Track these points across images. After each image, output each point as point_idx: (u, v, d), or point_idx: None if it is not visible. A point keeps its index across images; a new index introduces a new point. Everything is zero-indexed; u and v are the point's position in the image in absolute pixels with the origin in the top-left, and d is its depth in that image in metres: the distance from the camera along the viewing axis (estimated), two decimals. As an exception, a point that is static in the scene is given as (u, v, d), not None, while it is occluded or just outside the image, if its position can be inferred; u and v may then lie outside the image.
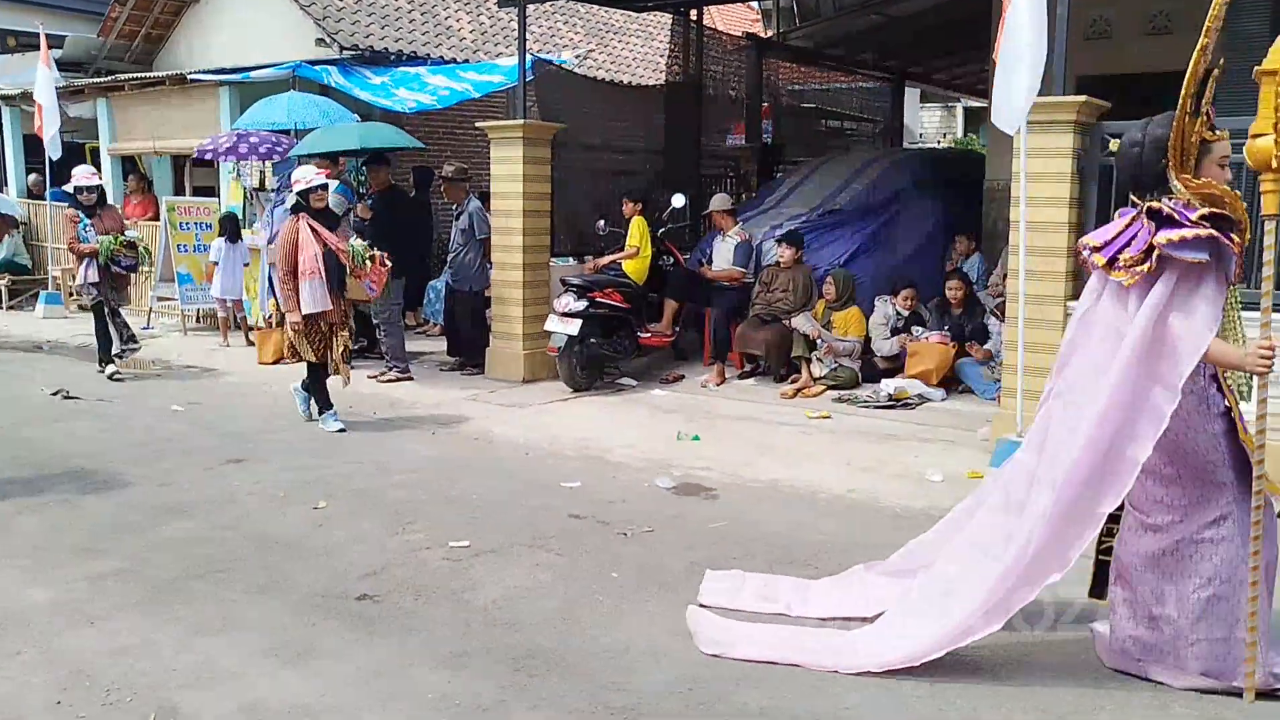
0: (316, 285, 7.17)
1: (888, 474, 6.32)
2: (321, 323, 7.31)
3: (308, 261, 7.17)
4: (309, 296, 7.16)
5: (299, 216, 7.32)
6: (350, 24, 13.16)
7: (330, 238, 7.30)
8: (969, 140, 24.61)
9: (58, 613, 4.22)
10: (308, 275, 7.15)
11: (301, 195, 7.31)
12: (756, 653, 3.83)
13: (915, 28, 13.22)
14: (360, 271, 7.40)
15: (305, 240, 7.20)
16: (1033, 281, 6.31)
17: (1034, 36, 5.55)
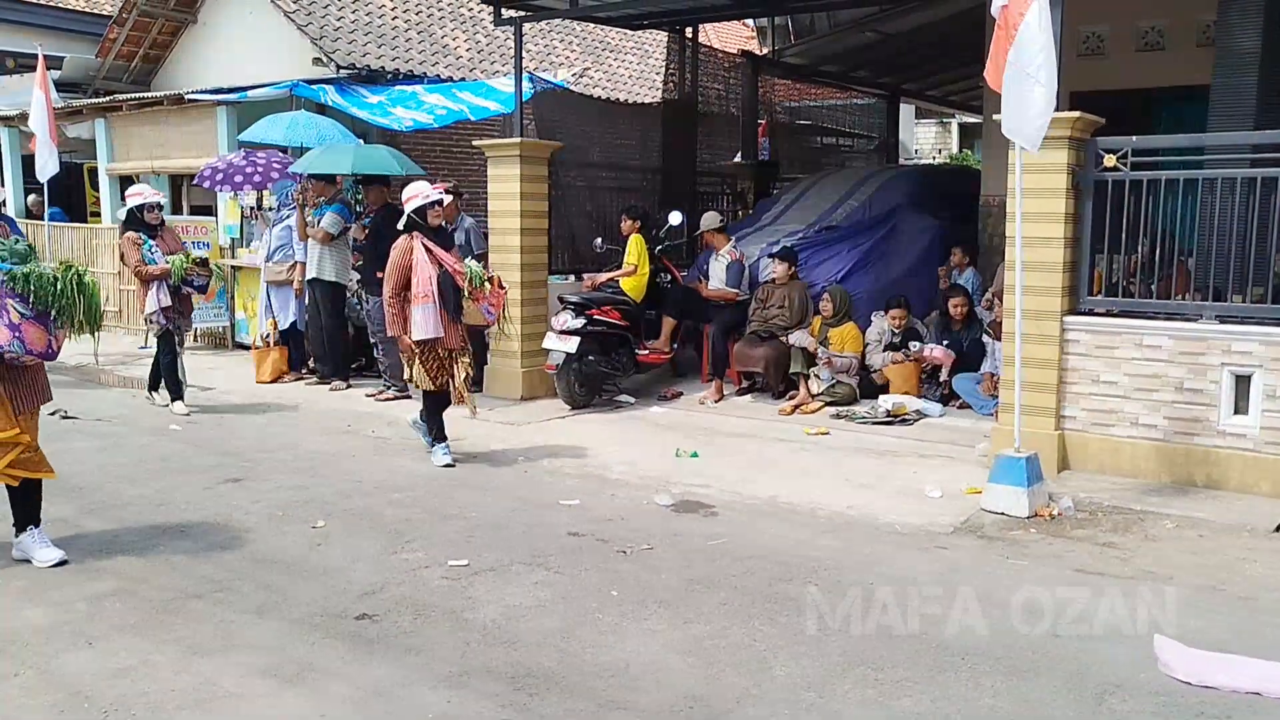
0: (430, 310, 6.64)
1: (886, 490, 6.32)
2: (439, 349, 6.79)
3: (422, 284, 6.63)
4: (421, 322, 6.64)
5: (412, 235, 6.76)
6: (347, 43, 13.21)
7: (447, 258, 6.77)
8: (964, 156, 24.69)
9: (56, 633, 4.21)
10: (421, 299, 6.63)
11: (416, 212, 6.78)
12: (1237, 682, 3.74)
13: (910, 44, 13.27)
14: (478, 294, 6.87)
15: (420, 261, 6.67)
16: (1029, 297, 6.33)
17: (1046, 52, 5.54)
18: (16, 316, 4.70)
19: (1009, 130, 5.74)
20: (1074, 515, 5.80)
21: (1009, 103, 5.68)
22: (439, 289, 6.65)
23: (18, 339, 4.70)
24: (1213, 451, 6.19)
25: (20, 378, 4.87)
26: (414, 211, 6.77)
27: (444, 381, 6.86)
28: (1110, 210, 6.43)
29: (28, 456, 4.93)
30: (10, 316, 4.69)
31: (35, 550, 5.00)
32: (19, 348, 4.72)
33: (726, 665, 3.93)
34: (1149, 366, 6.35)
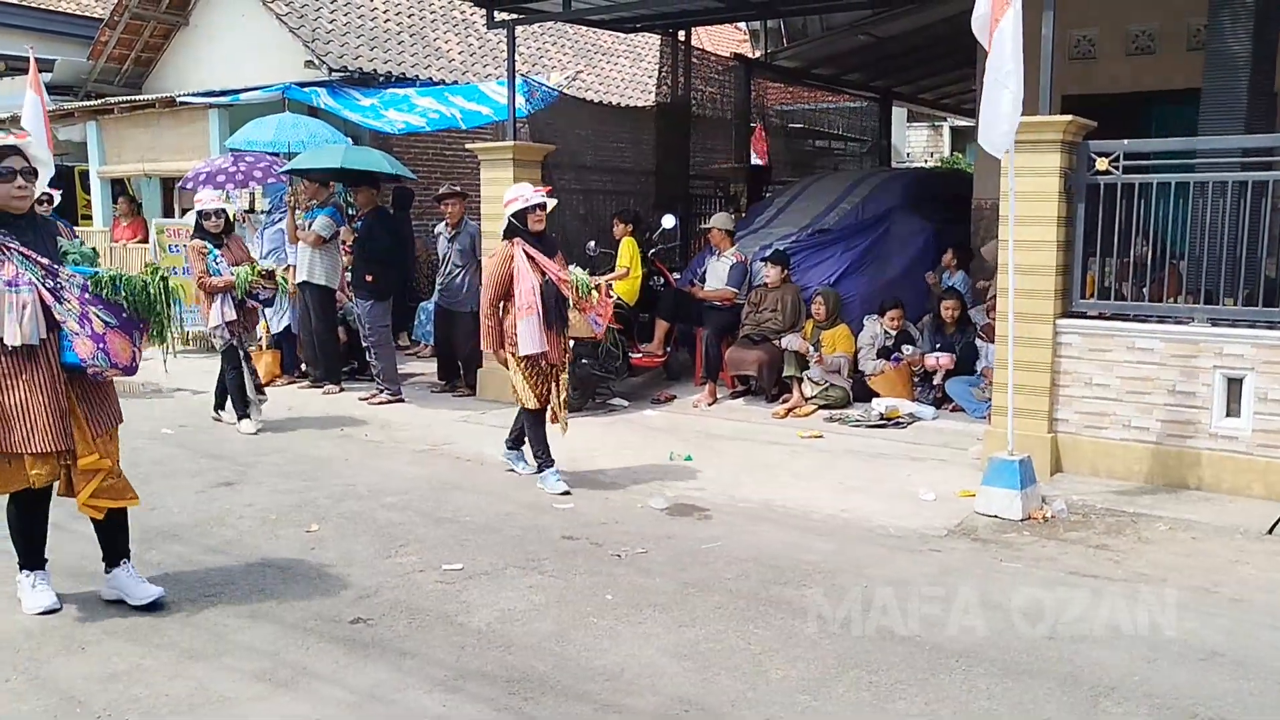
0: (534, 322, 6.16)
1: (880, 493, 6.32)
2: (543, 363, 6.35)
3: (525, 295, 6.15)
4: (526, 335, 6.17)
5: (513, 242, 6.28)
6: (339, 46, 13.21)
7: (551, 266, 6.28)
8: (956, 159, 24.75)
9: (48, 638, 4.19)
10: (525, 311, 6.15)
11: (517, 217, 6.30)
12: None
13: (902, 47, 13.31)
14: (584, 304, 6.43)
15: (522, 270, 6.19)
16: (1022, 300, 6.35)
17: (1016, 58, 5.59)
18: (101, 326, 4.21)
19: (983, 138, 5.81)
20: (1067, 518, 5.82)
21: (984, 109, 5.74)
22: (542, 299, 6.21)
23: (103, 351, 4.19)
24: (1205, 454, 6.21)
25: (94, 396, 4.35)
26: (514, 216, 6.30)
27: (547, 398, 6.44)
28: (1102, 213, 6.46)
29: (111, 484, 4.42)
30: (94, 326, 4.19)
31: (132, 587, 4.51)
32: (104, 361, 4.20)
33: (721, 669, 3.93)
34: (1141, 369, 6.37)
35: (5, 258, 4.06)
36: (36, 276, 4.08)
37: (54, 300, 4.11)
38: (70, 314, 4.13)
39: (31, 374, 4.11)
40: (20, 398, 4.09)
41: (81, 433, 4.27)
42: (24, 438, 4.10)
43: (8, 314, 4.01)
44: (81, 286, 4.18)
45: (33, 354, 4.11)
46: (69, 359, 4.16)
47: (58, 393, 4.16)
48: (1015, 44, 5.57)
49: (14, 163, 4.09)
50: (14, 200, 4.10)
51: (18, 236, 4.10)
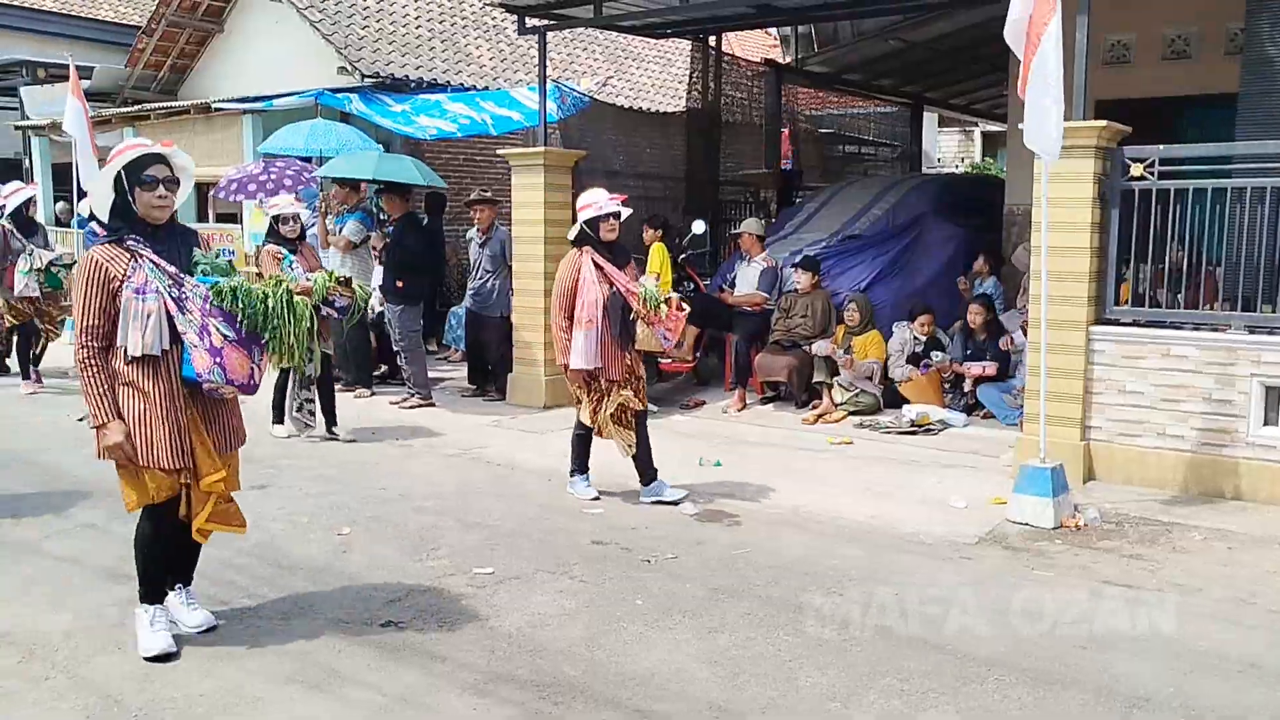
0: (591, 336, 5.90)
1: (910, 500, 6.29)
2: (601, 380, 6.06)
3: (586, 308, 5.91)
4: (581, 349, 5.93)
5: (582, 251, 6.05)
6: (371, 52, 13.31)
7: (619, 277, 6.00)
8: (987, 164, 24.58)
9: (85, 638, 4.25)
10: (585, 324, 5.91)
11: (588, 224, 6.03)
12: None
13: (933, 52, 13.26)
14: (653, 318, 6.02)
15: (587, 281, 5.94)
16: (1054, 306, 6.30)
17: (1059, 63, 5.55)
18: (220, 339, 4.01)
19: (1030, 140, 5.74)
20: (1100, 526, 5.76)
21: (1031, 113, 5.68)
22: (605, 312, 5.94)
23: (219, 366, 3.99)
24: (1241, 463, 6.14)
25: (216, 414, 4.16)
26: (586, 223, 6.05)
27: (602, 418, 6.13)
28: (1137, 219, 6.40)
29: (224, 508, 4.24)
30: (213, 339, 4.00)
31: (184, 614, 4.33)
32: (219, 376, 3.99)
33: (751, 675, 3.92)
34: (1176, 377, 6.30)
35: (137, 265, 3.91)
36: (164, 285, 3.93)
37: (177, 310, 3.94)
38: (191, 325, 3.96)
39: (151, 386, 3.95)
40: (140, 410, 3.94)
41: (206, 450, 4.07)
42: (146, 452, 3.94)
43: (132, 322, 3.87)
44: (204, 297, 4.01)
45: (155, 365, 3.94)
46: (187, 372, 3.98)
47: (176, 407, 3.98)
48: (1059, 49, 5.54)
49: (157, 171, 3.94)
50: (154, 210, 3.95)
51: (153, 245, 3.95)
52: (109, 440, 3.91)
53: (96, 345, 3.90)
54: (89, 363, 3.89)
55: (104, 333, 3.90)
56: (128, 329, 3.87)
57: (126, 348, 3.88)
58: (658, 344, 6.36)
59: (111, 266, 3.88)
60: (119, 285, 3.87)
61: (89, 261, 3.90)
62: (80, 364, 3.90)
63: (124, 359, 3.91)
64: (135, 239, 3.92)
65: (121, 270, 3.88)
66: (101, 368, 3.90)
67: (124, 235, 3.93)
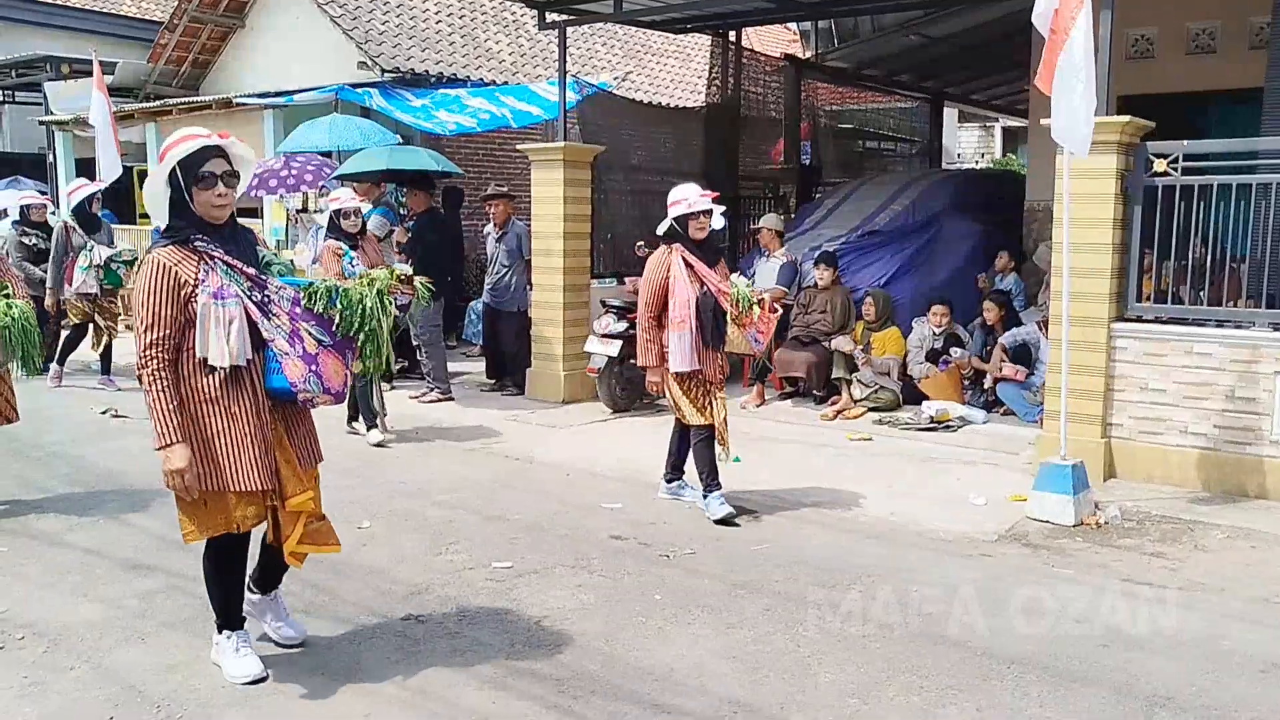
0: (687, 338, 5.67)
1: (930, 497, 6.27)
2: (696, 382, 5.82)
3: (680, 308, 5.66)
4: (679, 351, 5.68)
5: (671, 248, 5.79)
6: (391, 47, 13.35)
7: (710, 276, 5.76)
8: (1007, 160, 24.45)
9: (109, 629, 4.29)
10: (678, 324, 5.67)
11: (678, 221, 5.77)
12: None
13: (953, 48, 13.19)
14: (745, 319, 5.81)
15: (678, 280, 5.70)
16: (1077, 303, 6.26)
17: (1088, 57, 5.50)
18: (314, 345, 3.67)
19: (1059, 134, 5.69)
20: (1121, 524, 5.73)
21: (1059, 107, 5.62)
22: (697, 312, 5.70)
23: (315, 374, 3.66)
24: (1265, 461, 6.09)
25: (301, 426, 3.85)
26: (675, 219, 5.78)
27: (712, 413, 5.84)
28: (1160, 216, 6.35)
29: (316, 527, 3.91)
30: (306, 345, 3.66)
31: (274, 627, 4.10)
32: (315, 386, 3.67)
33: (770, 671, 3.92)
34: (1199, 374, 6.26)
35: (210, 267, 3.53)
36: (242, 289, 3.57)
37: (261, 316, 3.59)
38: (279, 331, 3.62)
39: (235, 400, 3.58)
40: (223, 427, 3.57)
41: (290, 468, 3.75)
42: (228, 474, 3.58)
43: (213, 330, 3.50)
44: (292, 300, 3.66)
45: (237, 377, 3.58)
46: (276, 383, 3.63)
47: (263, 422, 3.64)
48: (1088, 42, 5.49)
49: (215, 166, 3.53)
50: (214, 210, 3.56)
51: (220, 245, 3.58)
52: (174, 464, 3.51)
53: (166, 358, 3.50)
54: (157, 377, 3.49)
55: (174, 344, 3.52)
56: (208, 338, 3.50)
57: (207, 359, 3.51)
58: (749, 346, 6.06)
59: (181, 270, 3.50)
60: (191, 290, 3.49)
61: (155, 265, 3.49)
62: (146, 379, 3.51)
63: (202, 372, 3.55)
64: (203, 239, 3.54)
65: (193, 274, 3.51)
66: (170, 383, 3.51)
67: (190, 235, 3.54)
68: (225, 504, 3.64)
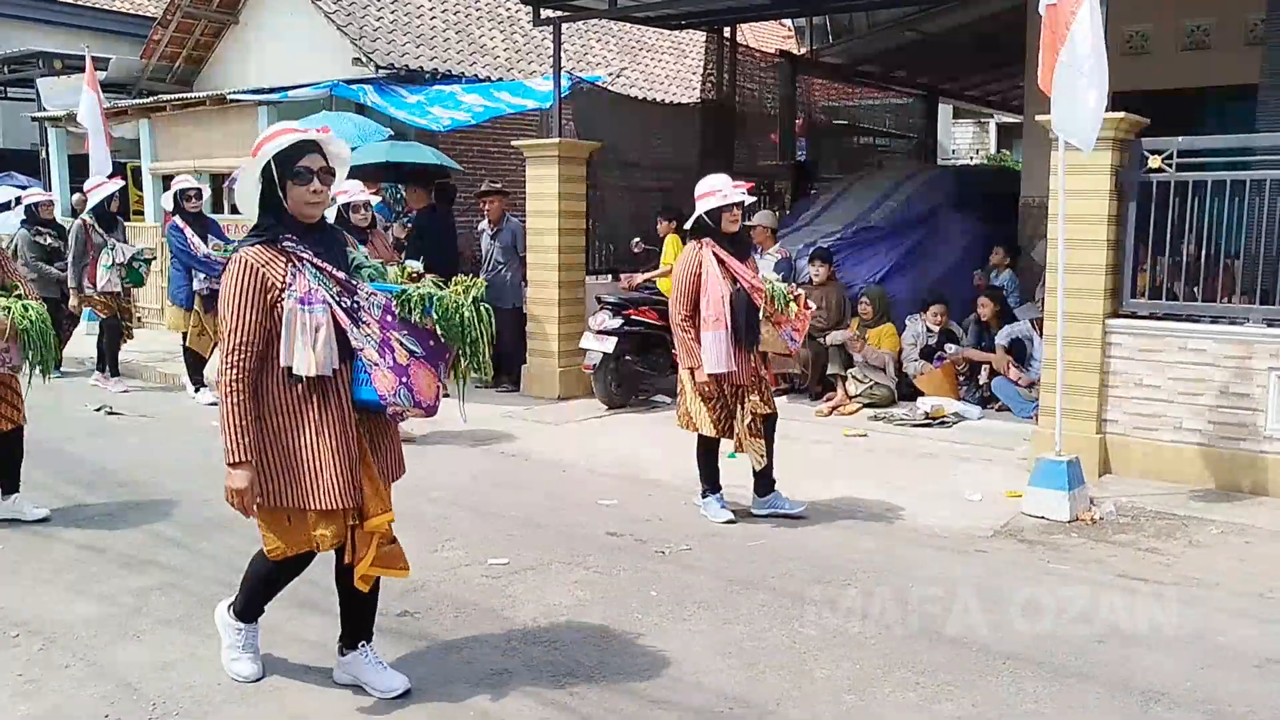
0: (722, 337, 5.38)
1: (925, 493, 6.28)
2: (725, 385, 5.54)
3: (713, 305, 5.38)
4: (712, 352, 5.40)
5: (701, 243, 5.51)
6: (386, 43, 13.31)
7: (743, 272, 5.49)
8: (1002, 156, 24.49)
9: (104, 626, 4.28)
10: (713, 324, 5.38)
11: (711, 215, 5.49)
12: None
13: (949, 44, 13.20)
14: (780, 318, 5.56)
15: (711, 276, 5.42)
16: (1071, 299, 6.27)
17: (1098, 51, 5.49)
18: (405, 356, 3.40)
19: (1060, 128, 5.68)
20: (1116, 520, 5.75)
21: (1060, 101, 5.61)
22: (731, 310, 5.42)
23: (405, 386, 3.39)
24: (1259, 457, 6.11)
25: (385, 440, 3.61)
26: (708, 213, 5.48)
27: (728, 426, 5.60)
28: (1155, 212, 6.36)
29: (388, 549, 3.65)
30: (397, 356, 3.40)
31: (373, 675, 3.73)
32: (406, 399, 3.40)
33: (766, 667, 3.93)
34: (1193, 370, 6.27)
35: (298, 269, 3.30)
36: (331, 294, 3.34)
37: (350, 323, 3.35)
38: (369, 340, 3.37)
39: (320, 413, 3.37)
40: (306, 441, 3.36)
41: (373, 486, 3.49)
42: (309, 490, 3.37)
43: (299, 336, 3.27)
44: (383, 307, 3.40)
45: (323, 388, 3.36)
46: (364, 395, 3.39)
47: (349, 437, 3.41)
48: (1096, 35, 5.47)
49: (311, 161, 3.32)
50: (308, 208, 3.35)
51: (310, 247, 3.36)
52: (235, 484, 3.32)
53: (248, 366, 3.28)
54: (236, 387, 3.26)
55: (258, 351, 3.29)
56: (294, 346, 3.27)
57: (292, 368, 3.29)
58: (784, 345, 5.76)
59: (268, 272, 3.28)
60: (279, 294, 3.27)
61: (241, 266, 3.27)
62: (225, 387, 3.27)
63: (286, 382, 3.33)
64: (291, 239, 3.32)
65: (280, 276, 3.29)
66: (248, 396, 3.29)
67: (279, 235, 3.32)
68: (305, 522, 3.44)
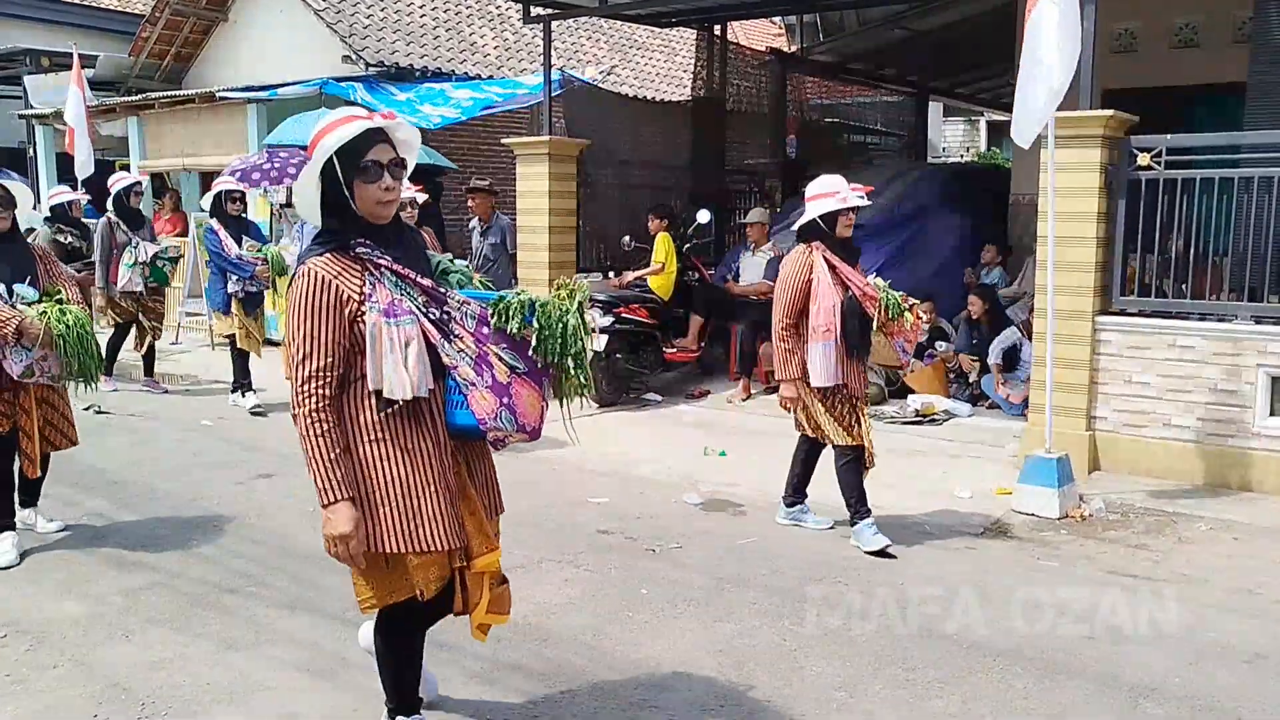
0: (831, 348, 5.07)
1: (915, 490, 6.29)
2: (839, 397, 5.23)
3: (824, 314, 5.07)
4: (822, 363, 5.09)
5: (811, 247, 5.19)
6: (376, 41, 13.29)
7: (856, 279, 5.18)
8: (992, 154, 24.54)
9: (93, 626, 4.26)
10: (822, 334, 5.07)
11: (825, 218, 5.15)
12: None
13: (939, 42, 13.21)
14: (894, 327, 5.27)
15: (823, 283, 5.10)
16: (1061, 297, 6.29)
17: (1053, 50, 5.52)
18: (505, 373, 2.94)
19: (1014, 130, 5.76)
20: (1105, 517, 5.77)
21: (1017, 99, 5.69)
22: (842, 319, 5.10)
23: (507, 408, 2.92)
24: (1247, 453, 6.13)
25: (478, 469, 3.14)
26: (822, 217, 5.16)
27: (860, 432, 5.27)
28: (1144, 209, 6.38)
29: (500, 593, 3.22)
30: (496, 374, 2.93)
31: None
32: (509, 422, 2.94)
33: (757, 665, 3.93)
34: (1182, 367, 6.29)
35: (376, 278, 2.83)
36: (417, 305, 2.87)
37: (440, 336, 2.89)
38: (464, 356, 2.91)
39: (412, 441, 2.91)
40: (397, 474, 2.90)
41: (475, 520, 3.05)
42: (404, 530, 2.90)
43: (386, 355, 2.79)
44: (478, 318, 2.94)
45: (416, 412, 2.90)
46: (460, 419, 2.94)
47: (445, 466, 2.96)
48: (1053, 34, 5.50)
49: (380, 154, 2.85)
50: (379, 208, 2.86)
51: (387, 251, 2.88)
52: (337, 529, 2.84)
53: (327, 394, 2.81)
54: (316, 419, 2.81)
55: (337, 375, 2.83)
56: (382, 365, 2.80)
57: (381, 391, 2.83)
58: (895, 357, 5.36)
59: (343, 283, 2.81)
60: (357, 308, 2.81)
61: (311, 279, 2.80)
62: (302, 421, 2.82)
63: (373, 408, 2.87)
64: (365, 244, 2.85)
65: (357, 287, 2.83)
66: (333, 426, 2.83)
67: (350, 240, 2.85)
68: (403, 568, 2.98)
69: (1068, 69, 5.52)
